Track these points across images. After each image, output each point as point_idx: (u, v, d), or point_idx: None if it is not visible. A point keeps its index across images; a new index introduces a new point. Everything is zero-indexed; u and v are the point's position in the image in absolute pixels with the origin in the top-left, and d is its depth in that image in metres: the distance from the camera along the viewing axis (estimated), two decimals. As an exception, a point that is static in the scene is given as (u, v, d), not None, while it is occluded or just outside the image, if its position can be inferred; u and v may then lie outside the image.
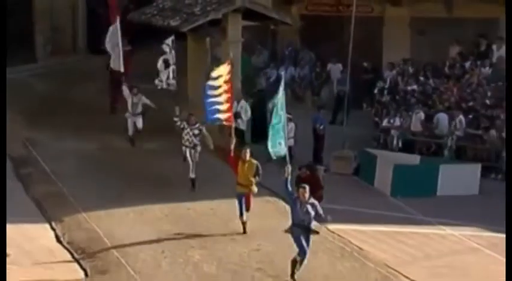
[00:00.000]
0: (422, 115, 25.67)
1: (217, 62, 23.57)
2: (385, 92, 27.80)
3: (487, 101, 26.14)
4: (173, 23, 24.87)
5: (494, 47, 28.50)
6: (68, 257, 17.18)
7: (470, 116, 25.40)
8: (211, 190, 20.05)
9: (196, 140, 20.86)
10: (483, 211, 20.78)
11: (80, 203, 19.53)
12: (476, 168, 22.97)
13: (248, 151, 18.11)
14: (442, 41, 28.62)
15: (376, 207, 20.57)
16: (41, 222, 18.88)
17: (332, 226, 17.97)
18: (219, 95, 18.27)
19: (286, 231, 15.90)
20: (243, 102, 24.31)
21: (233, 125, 19.02)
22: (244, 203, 18.17)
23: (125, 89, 23.83)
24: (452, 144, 24.64)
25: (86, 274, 16.39)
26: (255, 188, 18.13)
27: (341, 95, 27.25)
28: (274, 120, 16.98)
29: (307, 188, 15.68)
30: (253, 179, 18.04)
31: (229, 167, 20.91)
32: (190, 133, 20.86)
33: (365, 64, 28.92)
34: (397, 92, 27.47)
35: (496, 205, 21.27)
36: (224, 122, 18.89)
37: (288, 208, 19.59)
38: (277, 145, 16.93)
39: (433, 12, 28.97)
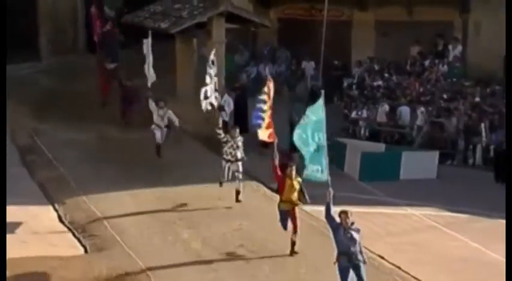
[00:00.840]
0: (387, 108, 25.67)
1: (204, 61, 23.52)
2: (354, 87, 27.77)
3: (444, 95, 26.18)
4: (163, 25, 24.74)
5: (450, 47, 28.56)
6: (69, 235, 17.06)
7: (430, 109, 25.44)
8: (197, 175, 19.90)
9: (238, 153, 18.44)
10: (441, 193, 20.76)
11: (80, 187, 19.38)
12: (435, 155, 22.97)
13: (294, 168, 15.77)
14: (403, 41, 28.57)
15: (346, 190, 20.38)
16: (45, 204, 18.72)
17: (307, 207, 17.86)
18: (266, 109, 16.70)
19: (335, 262, 13.48)
20: (226, 96, 24.17)
21: (276, 142, 16.73)
22: (291, 222, 15.83)
23: (151, 102, 21.22)
24: (423, 131, 24.75)
25: (86, 250, 16.28)
26: (299, 203, 15.89)
27: (314, 89, 27.15)
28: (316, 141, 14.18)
29: (349, 212, 13.47)
30: (296, 197, 15.81)
31: (212, 153, 20.86)
32: (234, 146, 18.38)
33: (335, 62, 28.87)
34: (364, 87, 27.45)
35: (452, 188, 21.34)
36: (267, 139, 16.98)
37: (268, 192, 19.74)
38: (316, 171, 14.35)
39: (395, 16, 28.93)
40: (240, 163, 18.54)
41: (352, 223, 13.37)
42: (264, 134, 16.75)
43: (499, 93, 26.42)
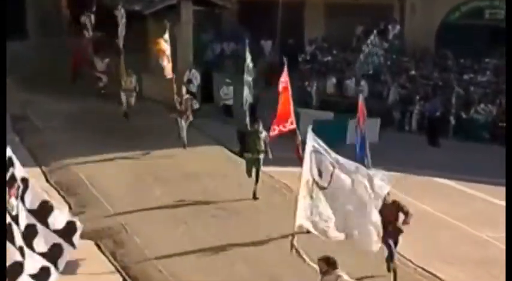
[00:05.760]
0: (334, 80, 25.76)
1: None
2: (306, 62, 27.82)
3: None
4: (137, 7, 24.54)
5: (389, 26, 28.63)
6: (55, 194, 16.96)
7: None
8: (168, 141, 19.89)
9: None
10: (381, 155, 20.88)
11: (64, 151, 19.30)
12: (377, 121, 23.14)
13: None
14: (349, 22, 28.59)
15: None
16: (33, 166, 18.58)
17: (266, 169, 17.96)
18: None
19: None
20: (194, 71, 24.19)
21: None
22: None
23: None
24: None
25: (70, 207, 16.24)
26: None
27: (272, 65, 27.21)
28: None
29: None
30: None
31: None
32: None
33: (290, 41, 28.82)
34: (315, 63, 27.50)
35: (390, 150, 21.53)
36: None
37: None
38: None
39: (342, -1, 29.00)
40: None
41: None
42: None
43: (431, 66, 26.71)
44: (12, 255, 8.50)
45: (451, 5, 28.16)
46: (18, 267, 8.54)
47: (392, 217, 11.86)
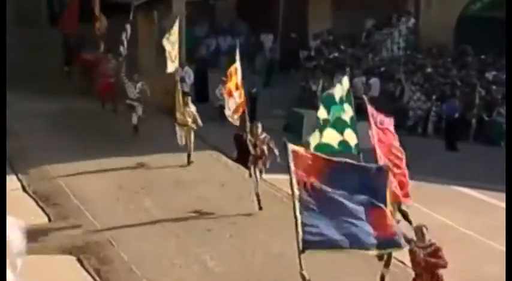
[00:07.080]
0: (341, 79, 25.68)
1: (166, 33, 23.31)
2: (311, 59, 27.74)
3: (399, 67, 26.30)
4: (125, -2, 24.55)
5: (403, 20, 28.61)
6: (33, 204, 16.90)
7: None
8: (159, 145, 19.83)
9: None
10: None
11: (43, 156, 19.22)
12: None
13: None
14: (358, 14, 28.54)
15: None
16: (9, 174, 18.45)
17: (265, 176, 17.85)
18: None
19: None
20: (187, 68, 24.14)
21: None
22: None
23: None
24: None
25: (49, 219, 16.17)
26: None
27: (273, 62, 27.20)
28: None
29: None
30: None
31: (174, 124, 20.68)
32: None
33: (293, 35, 28.76)
34: (321, 59, 27.41)
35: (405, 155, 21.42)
36: None
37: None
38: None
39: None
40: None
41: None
42: None
43: (449, 63, 26.64)
44: None
45: (472, -5, 28.14)
46: None
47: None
